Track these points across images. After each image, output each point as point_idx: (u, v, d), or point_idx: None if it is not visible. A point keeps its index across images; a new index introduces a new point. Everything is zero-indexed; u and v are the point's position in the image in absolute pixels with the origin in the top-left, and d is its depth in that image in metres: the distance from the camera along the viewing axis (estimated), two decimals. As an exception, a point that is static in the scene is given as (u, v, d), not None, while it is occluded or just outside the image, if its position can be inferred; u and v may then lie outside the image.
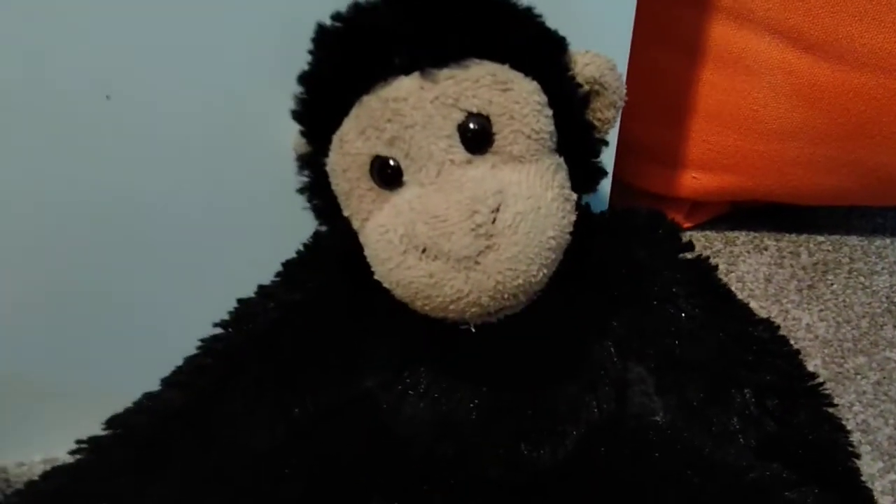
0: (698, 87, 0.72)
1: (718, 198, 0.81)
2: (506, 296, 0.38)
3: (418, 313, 0.41)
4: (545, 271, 0.39)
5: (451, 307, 0.39)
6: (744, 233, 0.84)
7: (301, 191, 0.44)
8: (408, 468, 0.48)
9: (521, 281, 0.38)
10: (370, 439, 0.48)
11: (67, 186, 0.52)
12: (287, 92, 0.42)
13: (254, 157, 0.53)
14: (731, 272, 0.79)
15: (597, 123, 0.43)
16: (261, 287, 0.50)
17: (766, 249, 0.82)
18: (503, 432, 0.48)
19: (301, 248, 0.51)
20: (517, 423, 0.49)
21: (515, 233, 0.37)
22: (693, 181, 0.78)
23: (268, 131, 0.50)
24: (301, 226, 0.49)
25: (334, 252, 0.49)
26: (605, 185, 0.60)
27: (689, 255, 0.49)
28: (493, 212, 0.37)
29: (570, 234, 0.40)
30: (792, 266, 0.80)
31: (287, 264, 0.51)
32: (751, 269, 0.79)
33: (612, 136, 0.56)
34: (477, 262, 0.37)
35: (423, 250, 0.37)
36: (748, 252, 0.82)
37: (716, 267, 0.50)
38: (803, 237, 0.84)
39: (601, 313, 0.49)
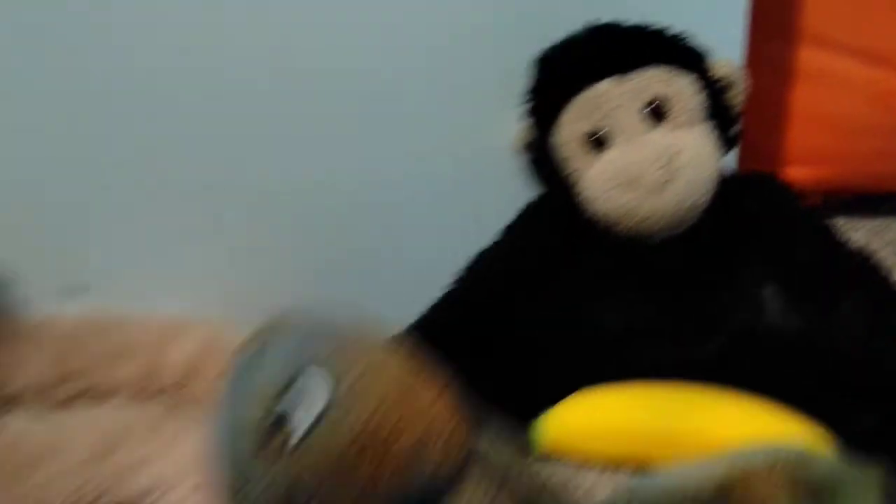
0: (792, 98, 0.93)
1: (813, 189, 1.00)
2: (680, 214, 0.59)
3: (613, 243, 0.63)
4: (705, 198, 0.60)
5: (644, 224, 0.60)
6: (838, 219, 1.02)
7: (529, 165, 0.67)
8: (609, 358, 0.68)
9: (690, 203, 0.59)
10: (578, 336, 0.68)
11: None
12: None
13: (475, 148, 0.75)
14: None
15: (732, 106, 0.64)
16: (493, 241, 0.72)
17: (857, 230, 1.00)
18: (674, 330, 0.68)
19: (518, 213, 0.73)
20: (683, 325, 0.68)
21: (686, 171, 0.58)
22: (790, 175, 0.97)
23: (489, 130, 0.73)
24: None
25: (544, 211, 0.71)
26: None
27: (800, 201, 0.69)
28: (671, 157, 0.58)
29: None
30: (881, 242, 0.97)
31: (508, 226, 0.73)
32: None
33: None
34: (662, 190, 0.58)
35: (625, 185, 0.59)
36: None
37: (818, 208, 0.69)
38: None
39: (742, 244, 0.68)
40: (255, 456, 0.30)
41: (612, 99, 0.61)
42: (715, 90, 0.63)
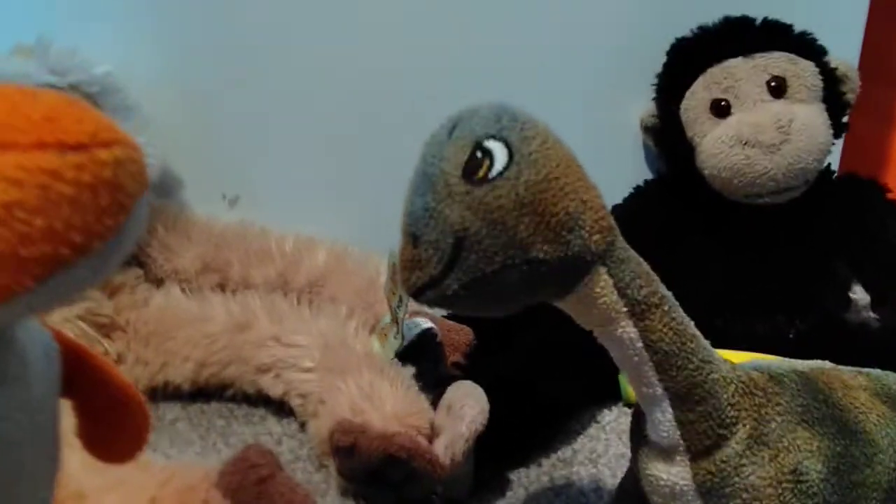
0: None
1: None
2: (792, 175, 0.66)
3: (722, 210, 0.69)
4: (816, 165, 0.66)
5: (758, 181, 0.66)
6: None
7: (653, 132, 0.75)
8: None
9: (802, 166, 0.66)
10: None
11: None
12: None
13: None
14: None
15: (845, 96, 0.71)
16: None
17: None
18: (765, 302, 0.73)
19: (632, 191, 0.80)
20: (774, 302, 0.73)
21: (801, 134, 0.65)
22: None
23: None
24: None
25: (657, 190, 0.78)
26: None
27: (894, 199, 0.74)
28: (788, 122, 0.65)
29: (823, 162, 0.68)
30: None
31: (622, 202, 0.80)
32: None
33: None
34: (778, 149, 0.65)
35: (745, 143, 0.66)
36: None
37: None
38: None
39: (837, 237, 0.74)
40: (459, 176, 0.36)
41: (739, 73, 0.69)
42: (831, 80, 0.70)
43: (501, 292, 0.37)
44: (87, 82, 0.70)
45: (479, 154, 0.37)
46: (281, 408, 0.70)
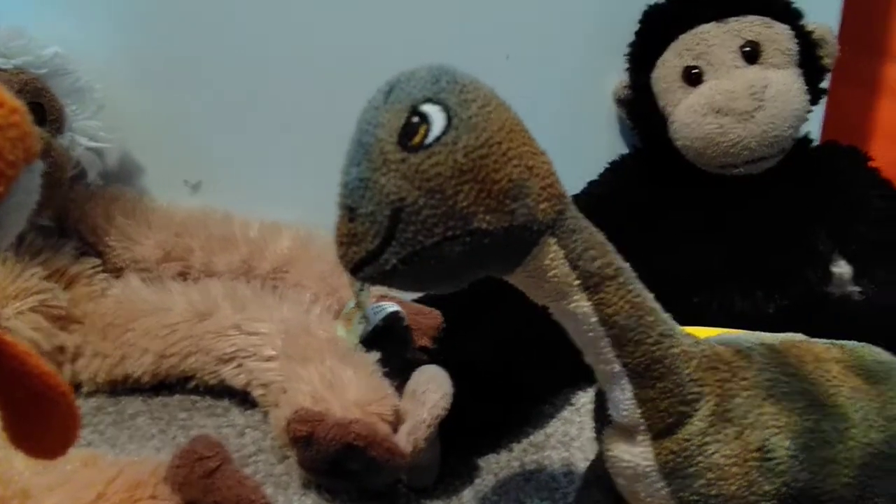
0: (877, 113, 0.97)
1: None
2: (767, 143, 0.63)
3: (696, 183, 0.67)
4: (791, 132, 0.64)
5: (732, 150, 0.64)
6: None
7: (626, 104, 0.72)
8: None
9: (777, 133, 0.63)
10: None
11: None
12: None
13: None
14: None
15: (822, 60, 0.68)
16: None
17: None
18: (744, 277, 0.71)
19: (607, 166, 0.78)
20: (754, 276, 0.71)
21: (776, 100, 0.63)
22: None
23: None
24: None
25: (632, 164, 0.75)
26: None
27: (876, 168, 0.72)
28: (762, 88, 0.63)
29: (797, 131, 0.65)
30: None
31: (597, 179, 0.77)
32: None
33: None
34: (752, 116, 0.63)
35: (717, 111, 0.63)
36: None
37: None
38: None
39: (816, 207, 0.72)
40: (394, 143, 0.34)
41: (711, 38, 0.66)
42: (807, 44, 0.68)
43: (444, 266, 0.35)
44: (35, 64, 0.67)
45: (415, 119, 0.34)
46: (245, 399, 0.68)
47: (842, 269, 0.74)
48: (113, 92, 0.76)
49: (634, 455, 0.40)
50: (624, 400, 0.39)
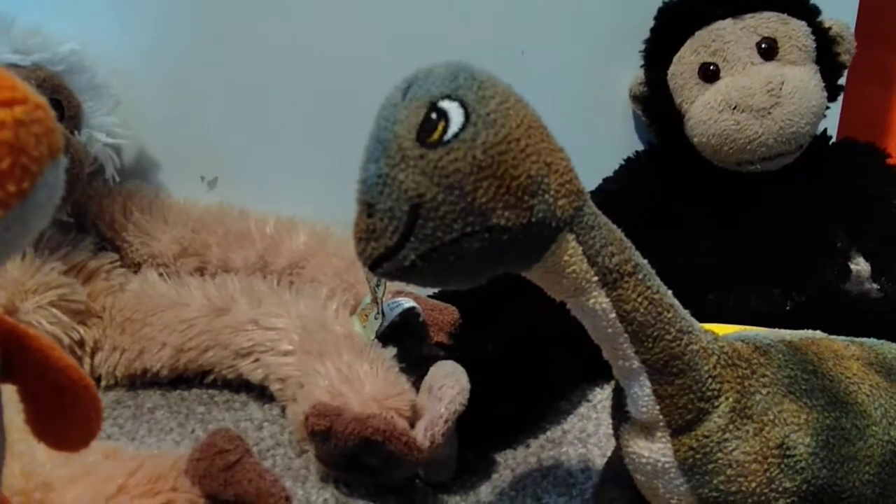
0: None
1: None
2: (784, 139, 0.63)
3: (714, 179, 0.66)
4: (809, 129, 0.63)
5: (748, 147, 0.63)
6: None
7: (641, 100, 0.72)
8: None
9: (794, 130, 0.63)
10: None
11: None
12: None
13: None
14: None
15: (839, 57, 0.68)
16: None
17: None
18: (761, 274, 0.70)
19: (623, 163, 0.77)
20: (772, 274, 0.70)
21: (793, 97, 0.62)
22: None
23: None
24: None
25: (649, 161, 0.75)
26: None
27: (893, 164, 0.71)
28: (779, 84, 0.62)
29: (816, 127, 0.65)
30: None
31: (613, 175, 0.77)
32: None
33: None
34: (769, 113, 0.62)
35: (734, 108, 0.63)
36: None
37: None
38: None
39: (832, 201, 0.71)
40: (412, 140, 0.34)
41: (728, 34, 0.66)
42: (824, 41, 0.67)
43: (462, 263, 0.35)
44: (52, 61, 0.68)
45: (433, 115, 0.34)
46: (263, 393, 0.68)
47: (859, 265, 0.73)
48: (129, 89, 0.77)
49: (653, 451, 0.40)
50: (643, 396, 0.39)
